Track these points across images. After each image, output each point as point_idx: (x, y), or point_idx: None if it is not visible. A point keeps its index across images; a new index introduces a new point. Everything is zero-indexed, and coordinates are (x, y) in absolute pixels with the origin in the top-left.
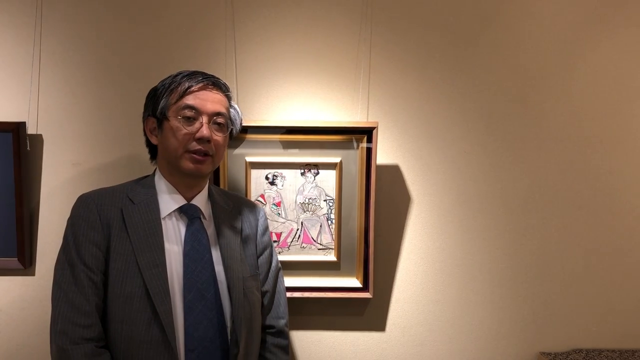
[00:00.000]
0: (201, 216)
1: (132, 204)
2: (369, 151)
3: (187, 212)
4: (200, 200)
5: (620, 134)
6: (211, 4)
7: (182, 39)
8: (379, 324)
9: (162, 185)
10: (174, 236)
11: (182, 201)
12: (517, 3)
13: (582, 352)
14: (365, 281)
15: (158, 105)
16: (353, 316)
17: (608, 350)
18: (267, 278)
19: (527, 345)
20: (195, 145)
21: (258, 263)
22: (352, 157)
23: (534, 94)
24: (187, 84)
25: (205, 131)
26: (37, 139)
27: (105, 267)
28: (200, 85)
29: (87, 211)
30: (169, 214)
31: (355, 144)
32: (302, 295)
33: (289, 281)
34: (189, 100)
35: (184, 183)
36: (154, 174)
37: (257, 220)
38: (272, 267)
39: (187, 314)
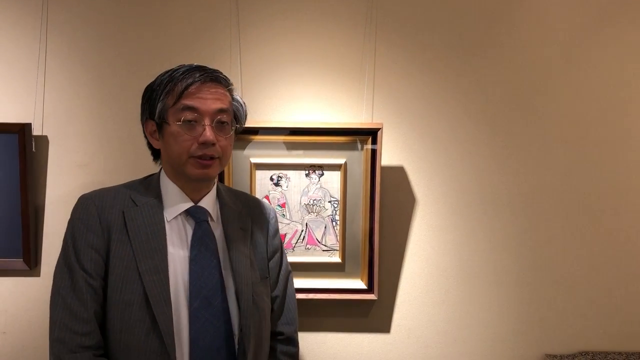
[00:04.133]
0: (209, 218)
1: (135, 206)
2: (373, 152)
3: (194, 215)
4: (208, 202)
5: (624, 135)
6: (216, 6)
7: (187, 40)
8: (383, 326)
9: (167, 186)
10: (179, 240)
11: (188, 203)
12: (522, 6)
13: (589, 354)
14: (370, 283)
15: (155, 107)
16: (358, 318)
17: (614, 353)
18: (277, 282)
19: (532, 347)
20: (199, 150)
21: (269, 267)
22: (357, 159)
23: (539, 95)
24: (184, 83)
25: (208, 135)
26: (43, 140)
27: (105, 273)
28: (198, 83)
29: (86, 213)
30: (175, 217)
31: (359, 145)
32: (307, 296)
33: (294, 282)
34: (188, 100)
35: (191, 186)
36: (159, 173)
37: (267, 221)
38: (282, 270)
39: (192, 322)
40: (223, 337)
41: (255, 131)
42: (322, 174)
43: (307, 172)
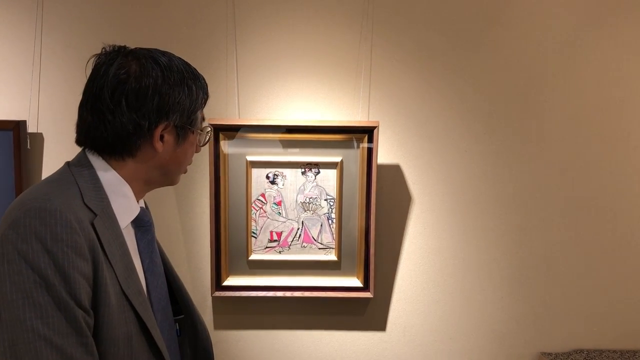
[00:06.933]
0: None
1: (94, 215)
2: (369, 151)
3: (142, 219)
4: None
5: (621, 133)
6: (212, 4)
7: (183, 38)
8: (379, 324)
9: (121, 189)
10: (132, 249)
11: (137, 207)
12: (518, 4)
13: (583, 352)
14: (366, 281)
15: (196, 114)
16: (354, 316)
17: (609, 351)
18: None
19: (528, 345)
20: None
21: None
22: (353, 157)
23: (534, 94)
24: (208, 92)
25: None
26: (38, 138)
27: (94, 306)
28: None
29: (71, 232)
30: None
31: (356, 144)
32: (303, 294)
33: (290, 280)
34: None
35: (145, 190)
36: (94, 171)
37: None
38: None
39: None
40: (178, 348)
41: (252, 129)
42: (318, 172)
43: (303, 170)
